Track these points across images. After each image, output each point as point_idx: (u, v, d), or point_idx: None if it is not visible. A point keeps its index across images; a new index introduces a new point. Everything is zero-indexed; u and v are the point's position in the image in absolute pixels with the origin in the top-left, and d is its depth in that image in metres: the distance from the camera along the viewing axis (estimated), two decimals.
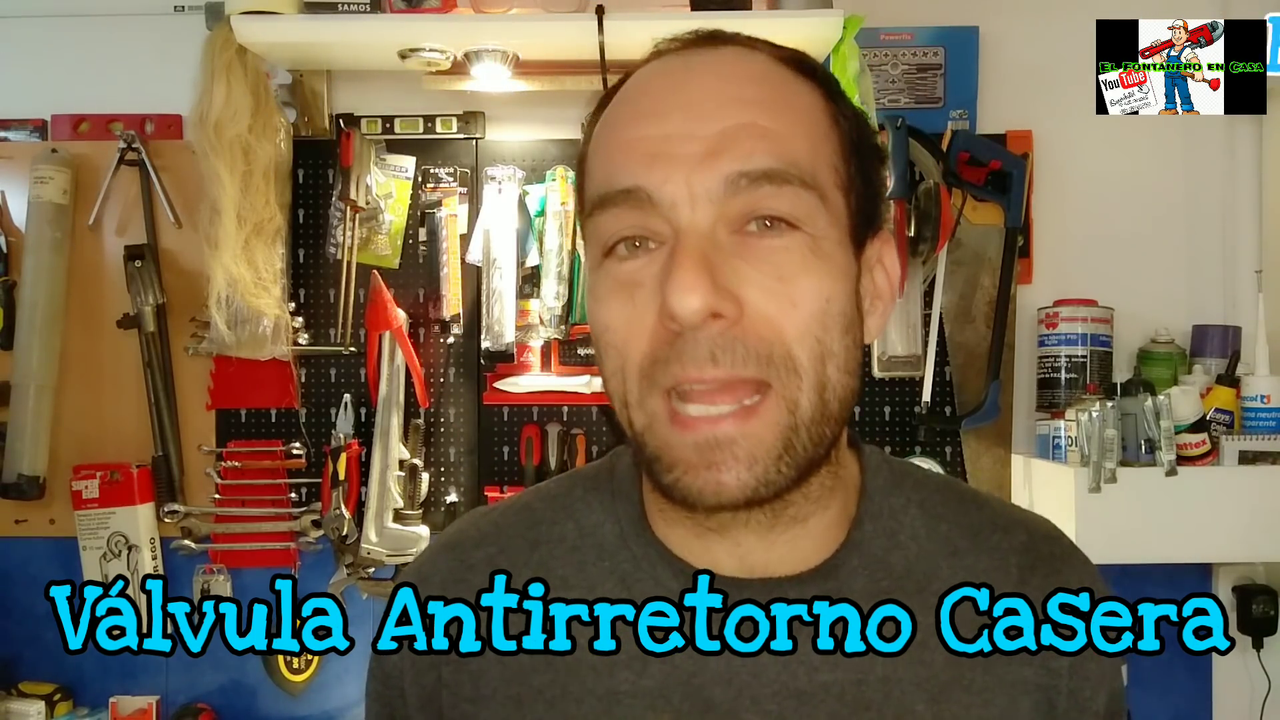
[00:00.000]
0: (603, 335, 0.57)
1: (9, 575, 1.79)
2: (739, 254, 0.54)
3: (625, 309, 0.56)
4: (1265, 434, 1.54)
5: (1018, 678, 0.61)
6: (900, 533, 0.64)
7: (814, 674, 0.59)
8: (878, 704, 0.59)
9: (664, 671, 0.60)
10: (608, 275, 0.57)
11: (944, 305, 1.74)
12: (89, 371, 1.78)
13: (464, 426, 1.79)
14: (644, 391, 0.55)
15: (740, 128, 0.55)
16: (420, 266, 1.79)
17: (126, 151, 1.76)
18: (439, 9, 1.57)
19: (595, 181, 0.59)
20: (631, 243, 0.56)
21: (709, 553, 0.61)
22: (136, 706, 1.75)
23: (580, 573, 0.64)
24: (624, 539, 0.64)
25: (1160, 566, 1.73)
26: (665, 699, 0.59)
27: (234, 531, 1.77)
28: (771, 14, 1.59)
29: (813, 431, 0.55)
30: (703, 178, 0.54)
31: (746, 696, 0.58)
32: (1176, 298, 1.78)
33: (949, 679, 0.60)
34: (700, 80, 0.58)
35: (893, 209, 1.64)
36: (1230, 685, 1.75)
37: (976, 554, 0.64)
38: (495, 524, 0.69)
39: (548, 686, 0.61)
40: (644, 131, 0.56)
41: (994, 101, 1.78)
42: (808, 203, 0.55)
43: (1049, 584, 0.64)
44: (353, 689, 1.79)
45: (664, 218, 0.55)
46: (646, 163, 0.55)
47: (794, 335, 0.54)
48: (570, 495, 0.68)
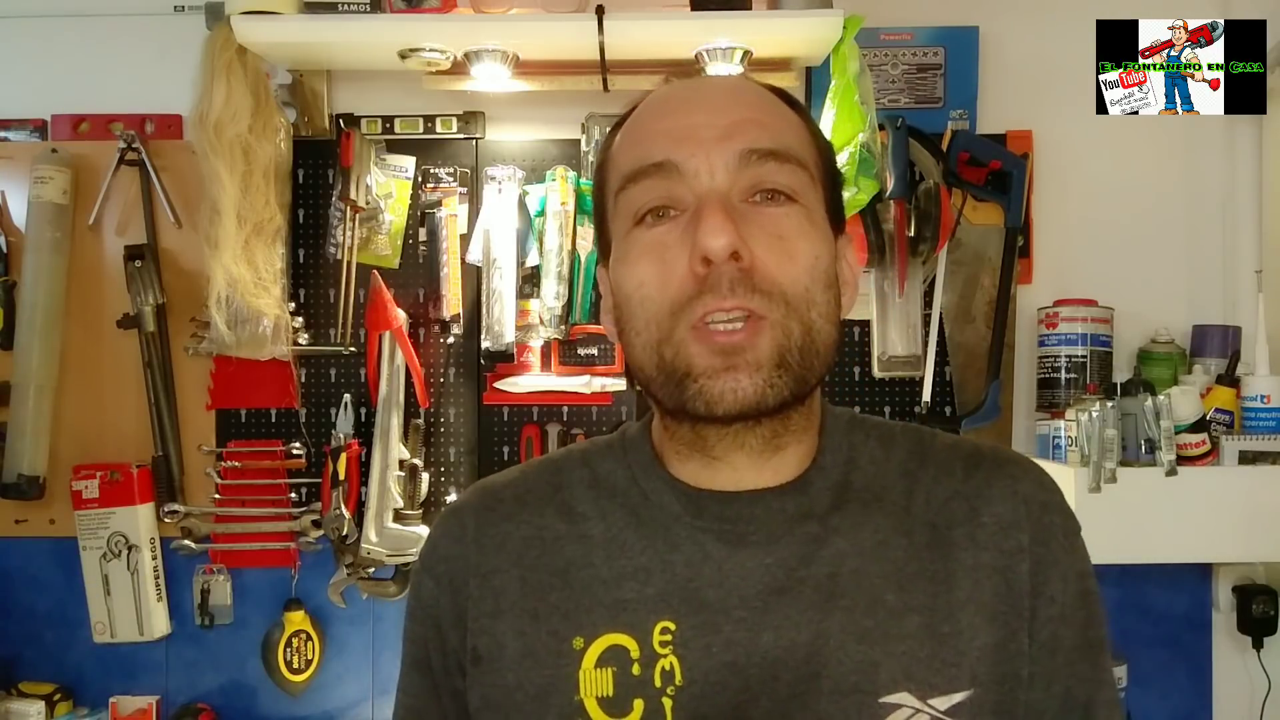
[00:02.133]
0: (636, 292, 0.68)
1: (9, 575, 1.79)
2: (748, 218, 0.66)
3: (656, 266, 0.67)
4: (1265, 434, 1.54)
5: (976, 561, 0.70)
6: (859, 460, 0.75)
7: (791, 572, 0.69)
8: (850, 592, 0.68)
9: (664, 580, 0.70)
10: (638, 241, 0.69)
11: (944, 305, 1.74)
12: (89, 371, 1.78)
13: (464, 426, 1.79)
14: (674, 326, 0.66)
15: (748, 120, 0.69)
16: (420, 266, 1.80)
17: (126, 151, 1.76)
18: (439, 9, 1.57)
19: (624, 163, 0.71)
20: (658, 212, 0.68)
21: (711, 479, 0.72)
22: (136, 706, 1.75)
23: (596, 506, 0.75)
24: (634, 480, 0.75)
25: (1160, 566, 1.73)
26: (665, 603, 0.69)
27: (234, 531, 1.77)
28: (771, 14, 1.59)
29: (801, 357, 0.67)
30: (721, 151, 0.67)
31: (735, 595, 0.68)
32: (1176, 298, 1.78)
33: (913, 571, 0.69)
34: (711, 90, 0.74)
35: (893, 209, 1.65)
36: (1230, 685, 1.75)
37: (925, 468, 0.75)
38: (522, 471, 0.81)
39: (562, 601, 0.71)
40: (671, 123, 0.69)
41: (994, 101, 1.78)
42: (802, 179, 0.69)
43: (992, 477, 0.73)
44: (353, 689, 1.79)
45: (688, 186, 0.67)
46: (675, 143, 0.68)
47: (788, 281, 0.66)
48: (588, 452, 0.80)
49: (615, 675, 0.68)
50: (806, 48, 1.65)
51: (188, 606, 1.78)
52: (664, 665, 0.68)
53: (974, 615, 0.68)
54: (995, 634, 0.68)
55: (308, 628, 1.76)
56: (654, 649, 0.68)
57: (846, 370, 1.78)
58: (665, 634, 0.68)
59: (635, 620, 0.69)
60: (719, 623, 0.68)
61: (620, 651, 0.69)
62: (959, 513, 0.71)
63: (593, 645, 0.69)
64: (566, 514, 0.75)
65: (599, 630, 0.69)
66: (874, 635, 0.67)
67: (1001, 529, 0.71)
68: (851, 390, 1.78)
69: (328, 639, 1.79)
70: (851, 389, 1.78)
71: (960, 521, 0.71)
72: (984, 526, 0.71)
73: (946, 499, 0.72)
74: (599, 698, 0.68)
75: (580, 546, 0.73)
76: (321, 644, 1.77)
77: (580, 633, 0.70)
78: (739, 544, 0.70)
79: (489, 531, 0.75)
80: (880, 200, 1.64)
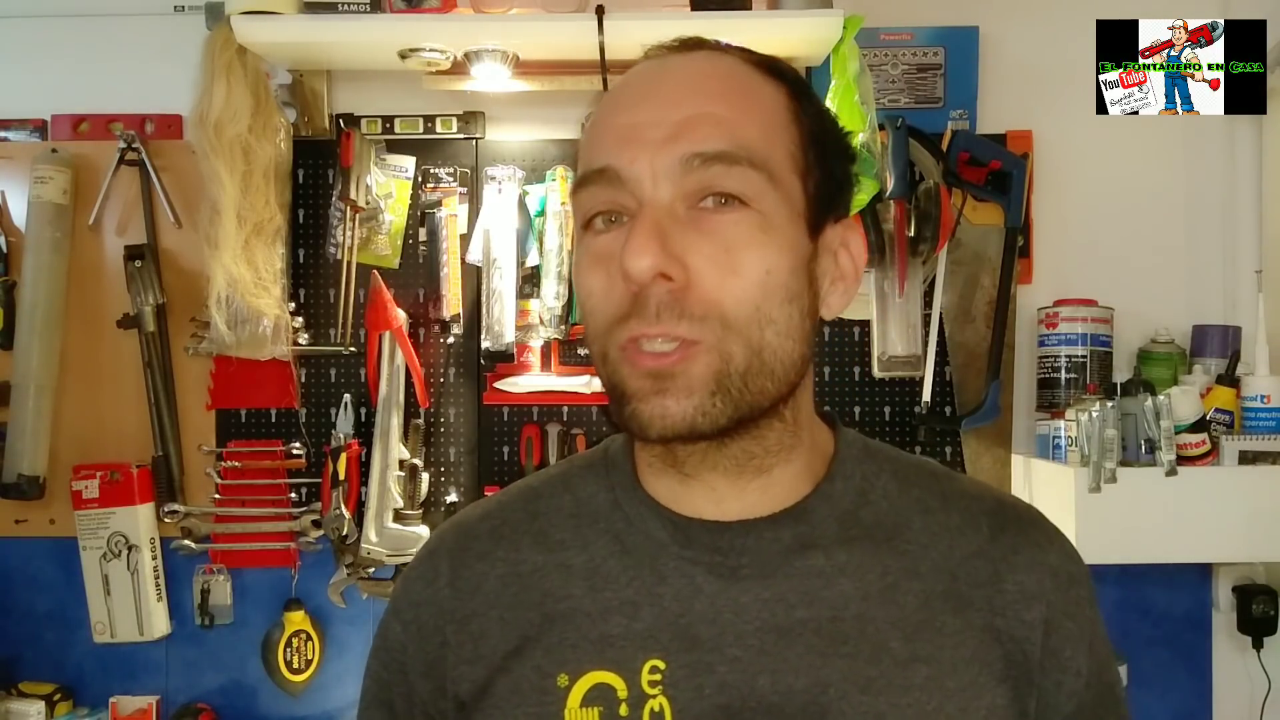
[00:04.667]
0: (586, 301, 0.65)
1: (9, 575, 1.79)
2: (693, 226, 0.62)
3: (601, 278, 0.64)
4: (1265, 434, 1.54)
5: (988, 624, 0.67)
6: (871, 493, 0.71)
7: (791, 611, 0.65)
8: (853, 639, 0.65)
9: (653, 614, 0.66)
10: (587, 249, 0.65)
11: (944, 305, 1.74)
12: (89, 371, 1.78)
13: (464, 426, 1.79)
14: (612, 343, 0.63)
15: (699, 116, 0.62)
16: (420, 266, 1.80)
17: (126, 151, 1.76)
18: (439, 9, 1.57)
19: (581, 161, 0.67)
20: (607, 217, 0.64)
21: (692, 503, 0.68)
22: (136, 706, 1.75)
23: (577, 534, 0.71)
24: (617, 503, 0.71)
25: (1160, 566, 1.73)
26: (655, 639, 0.65)
27: (234, 531, 1.77)
28: (771, 14, 1.59)
29: (749, 381, 0.62)
30: (663, 157, 0.62)
31: (730, 633, 0.65)
32: (1176, 298, 1.78)
33: (921, 620, 0.66)
34: (671, 77, 0.66)
35: (893, 209, 1.65)
36: (1230, 685, 1.75)
37: (948, 512, 0.71)
38: (498, 502, 0.77)
39: (543, 635, 0.67)
40: (619, 120, 0.64)
41: (994, 101, 1.78)
42: (756, 182, 0.62)
43: (1019, 543, 0.70)
44: (352, 689, 1.79)
45: (631, 193, 0.62)
46: (619, 146, 0.63)
47: (731, 300, 0.61)
48: (568, 474, 0.76)
49: (602, 715, 0.64)
50: (806, 48, 1.65)
51: (188, 606, 1.78)
52: (653, 706, 0.64)
53: (980, 674, 0.66)
54: (1004, 695, 0.66)
55: (308, 628, 1.76)
56: (643, 689, 0.64)
57: (846, 370, 1.78)
58: (655, 673, 0.65)
59: (623, 658, 0.65)
60: (712, 662, 0.64)
61: (607, 690, 0.65)
62: (982, 573, 0.68)
63: (578, 683, 0.65)
64: (543, 543, 0.71)
65: (584, 668, 0.66)
66: (878, 685, 0.64)
67: (1024, 599, 0.68)
68: (851, 390, 1.78)
69: (328, 639, 1.79)
70: (851, 389, 1.78)
71: (982, 583, 0.68)
72: (1005, 593, 0.68)
73: (969, 555, 0.69)
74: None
75: (560, 576, 0.69)
76: (321, 644, 1.77)
77: (564, 669, 0.66)
78: (731, 578, 0.66)
79: (464, 574, 0.72)
80: (880, 200, 1.64)
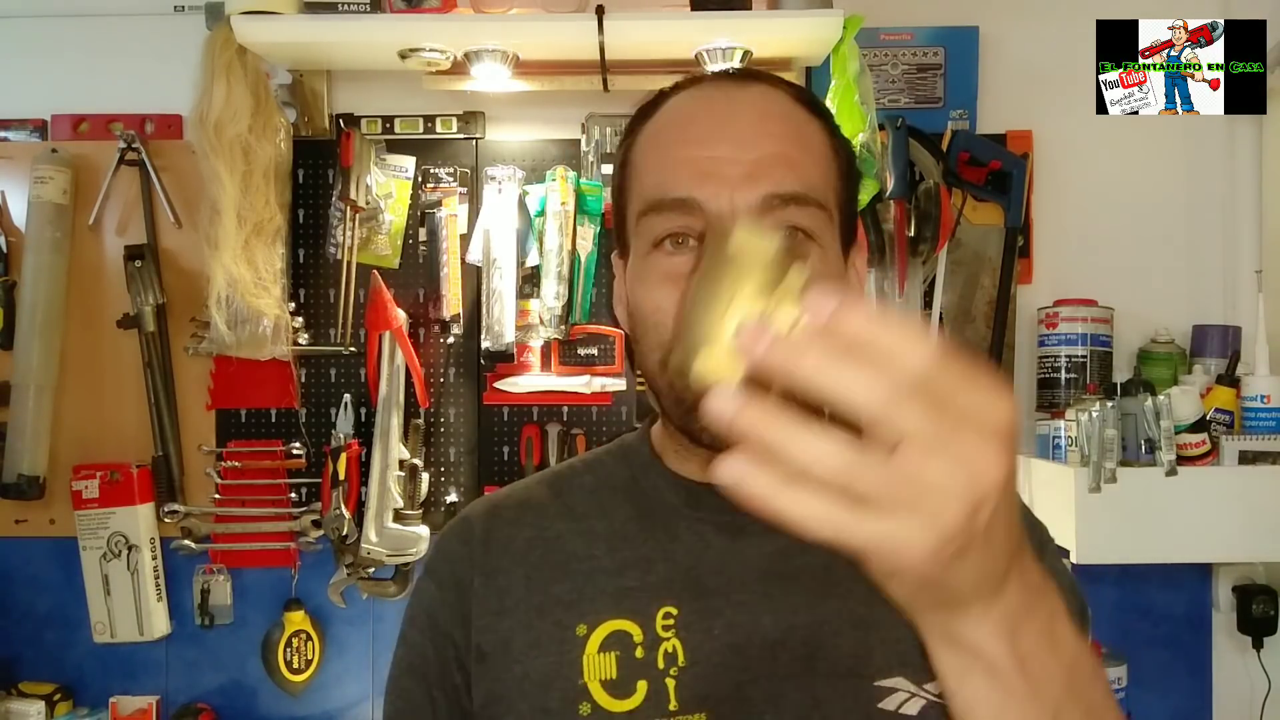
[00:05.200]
0: (652, 315, 0.70)
1: (9, 575, 1.79)
2: None
3: (673, 298, 0.69)
4: (1265, 434, 1.54)
5: None
6: None
7: (789, 560, 0.71)
8: (846, 582, 0.70)
9: (666, 568, 0.72)
10: (656, 267, 0.70)
11: (944, 305, 1.74)
12: (89, 371, 1.78)
13: (464, 426, 1.79)
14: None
15: (774, 156, 0.69)
16: (420, 266, 1.79)
17: (126, 151, 1.76)
18: (439, 9, 1.57)
19: (646, 187, 0.72)
20: (676, 239, 0.69)
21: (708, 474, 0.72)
22: (136, 706, 1.75)
23: (599, 506, 0.78)
24: (635, 479, 0.78)
25: (1160, 566, 1.73)
26: (668, 589, 0.72)
27: (234, 531, 1.77)
28: (771, 14, 1.59)
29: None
30: (743, 194, 0.67)
31: (736, 581, 0.71)
32: (1176, 298, 1.78)
33: None
34: (741, 114, 0.71)
35: (893, 209, 1.65)
36: (1230, 685, 1.75)
37: None
38: (524, 484, 0.84)
39: (565, 593, 0.73)
40: (696, 153, 0.69)
41: (994, 101, 1.78)
42: (821, 220, 0.70)
43: None
44: (353, 689, 1.79)
45: (708, 222, 0.68)
46: (699, 179, 0.68)
47: None
48: (588, 460, 0.84)
49: (619, 659, 0.70)
50: (806, 48, 1.65)
51: (188, 606, 1.78)
52: (667, 648, 0.70)
53: None
54: None
55: (308, 628, 1.76)
56: (657, 633, 0.70)
57: None
58: (668, 619, 0.71)
59: (638, 606, 0.71)
60: (720, 607, 0.70)
61: (623, 636, 0.71)
62: None
63: (596, 631, 0.71)
64: (568, 515, 0.78)
65: (602, 617, 0.71)
66: (869, 623, 0.69)
67: None
68: None
69: (328, 639, 1.79)
70: None
71: None
72: None
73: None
74: (603, 680, 0.70)
75: (583, 541, 0.76)
76: (321, 644, 1.77)
77: (583, 620, 0.72)
78: (738, 534, 0.72)
79: (495, 535, 0.78)
80: (880, 200, 1.64)
